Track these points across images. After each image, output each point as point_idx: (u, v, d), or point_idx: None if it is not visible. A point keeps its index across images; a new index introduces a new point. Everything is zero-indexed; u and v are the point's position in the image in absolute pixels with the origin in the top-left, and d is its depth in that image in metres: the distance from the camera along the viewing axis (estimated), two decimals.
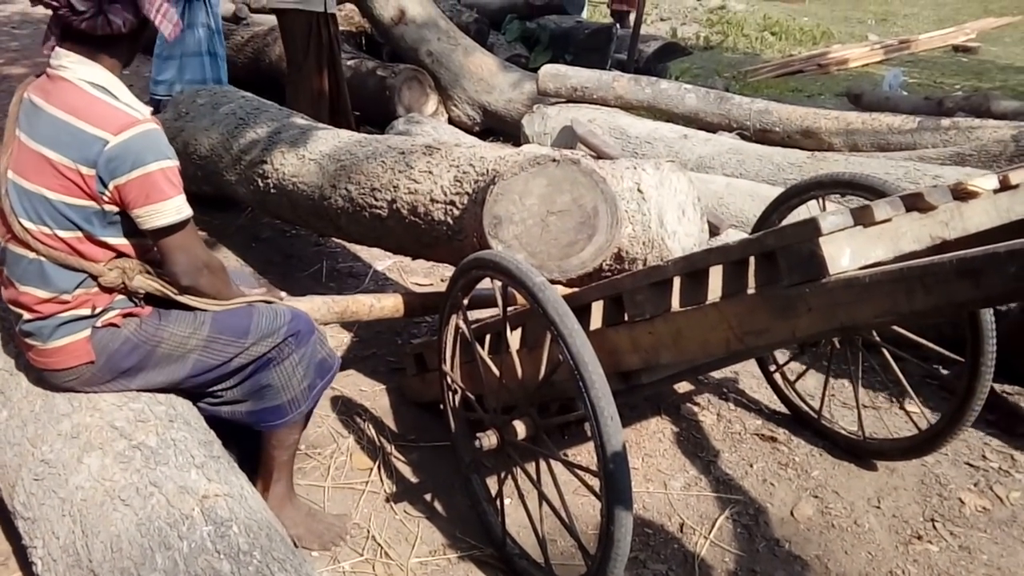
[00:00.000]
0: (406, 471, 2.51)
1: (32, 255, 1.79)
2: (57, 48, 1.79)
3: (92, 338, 1.86)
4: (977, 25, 11.96)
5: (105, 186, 1.73)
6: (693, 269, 1.66)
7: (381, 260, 3.92)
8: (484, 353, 2.12)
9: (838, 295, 1.35)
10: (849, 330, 1.53)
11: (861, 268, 1.39)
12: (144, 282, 1.87)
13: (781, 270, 1.47)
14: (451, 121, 5.89)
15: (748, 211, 3.72)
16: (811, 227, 1.39)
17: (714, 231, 3.34)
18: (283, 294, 2.36)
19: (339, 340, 3.22)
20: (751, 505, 2.40)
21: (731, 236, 3.48)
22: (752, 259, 1.61)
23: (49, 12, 1.75)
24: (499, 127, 5.84)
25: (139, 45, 1.90)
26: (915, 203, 1.45)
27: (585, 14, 8.59)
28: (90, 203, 1.75)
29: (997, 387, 2.81)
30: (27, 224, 1.77)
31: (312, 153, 3.14)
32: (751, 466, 2.57)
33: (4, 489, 1.87)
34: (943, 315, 1.95)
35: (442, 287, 3.70)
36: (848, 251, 1.38)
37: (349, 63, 5.79)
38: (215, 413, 2.07)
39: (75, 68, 1.77)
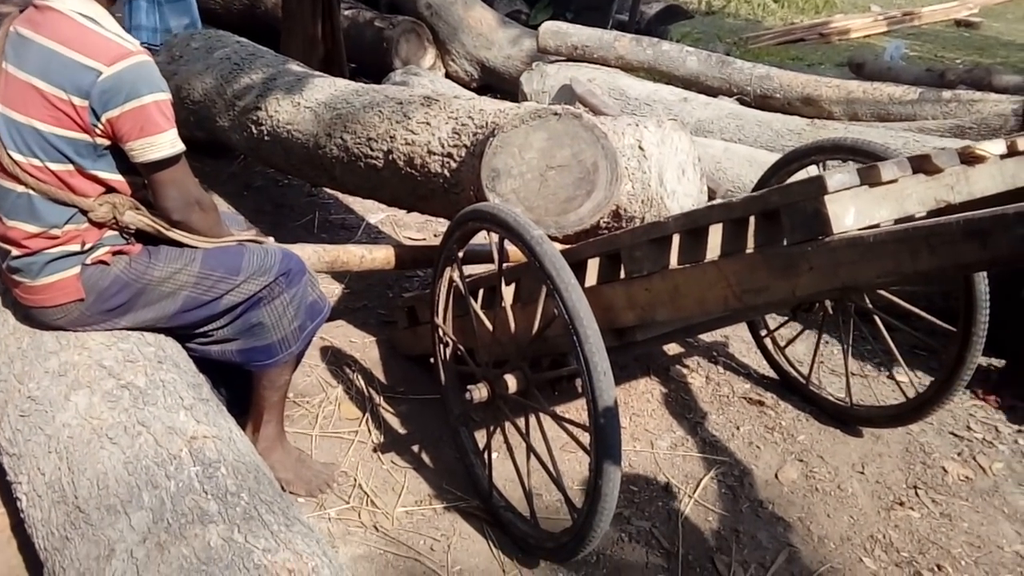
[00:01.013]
0: (394, 422, 2.50)
1: (21, 188, 1.75)
2: None
3: (82, 275, 1.83)
4: (980, 0, 11.86)
5: (98, 118, 1.69)
6: (694, 226, 1.64)
7: (374, 213, 3.89)
8: (477, 307, 2.11)
9: (841, 254, 1.34)
10: (850, 290, 1.53)
11: (864, 228, 1.37)
12: (135, 217, 1.84)
13: (783, 228, 1.45)
14: (448, 76, 5.81)
15: (746, 176, 3.70)
16: (817, 185, 1.37)
17: (711, 195, 3.32)
18: (271, 238, 2.33)
19: (330, 291, 3.19)
20: (736, 467, 2.42)
21: None
22: (752, 218, 1.60)
23: None
24: (497, 84, 5.78)
25: None
26: (922, 165, 1.44)
27: None
28: (82, 135, 1.71)
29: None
30: (17, 157, 1.73)
31: (308, 101, 3.08)
32: (738, 429, 2.58)
33: None
34: (946, 276, 1.96)
35: (435, 242, 3.68)
36: (853, 210, 1.37)
37: (346, 13, 5.68)
38: (205, 353, 2.06)
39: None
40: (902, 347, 3.03)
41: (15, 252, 1.81)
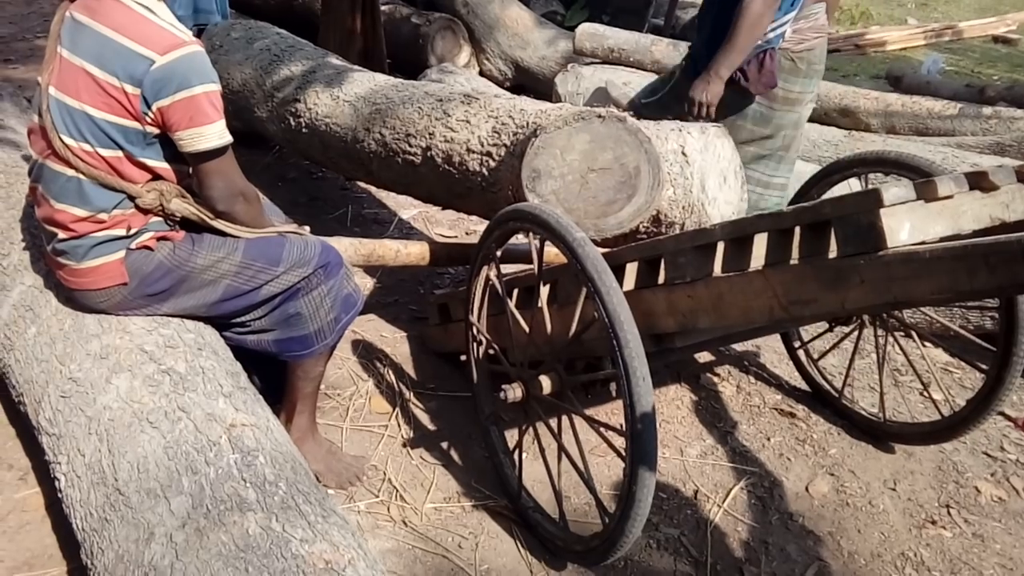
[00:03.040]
0: (424, 418, 2.51)
1: (71, 172, 1.77)
2: None
3: (126, 260, 1.85)
4: (1019, 16, 11.69)
5: (149, 107, 1.71)
6: (741, 234, 1.63)
7: (406, 209, 3.90)
8: (513, 307, 2.11)
9: (895, 269, 1.32)
10: (902, 305, 1.51)
11: (918, 243, 1.36)
12: (181, 205, 1.86)
13: (835, 240, 1.44)
14: (482, 74, 5.82)
15: None
16: (873, 198, 1.35)
17: None
18: (307, 228, 2.35)
19: (362, 285, 3.17)
20: (766, 478, 2.40)
21: None
22: (798, 229, 1.59)
23: None
24: (531, 84, 5.77)
25: None
26: (978, 182, 1.42)
27: None
28: (133, 123, 1.73)
29: None
30: (68, 141, 1.75)
31: (347, 95, 3.09)
32: (768, 440, 2.56)
33: (30, 405, 1.88)
34: (1003, 295, 1.93)
35: (467, 239, 3.69)
36: (908, 225, 1.35)
37: (384, 8, 5.70)
38: (241, 343, 2.07)
39: None
40: (937, 364, 3.02)
41: (62, 235, 1.83)
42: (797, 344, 2.79)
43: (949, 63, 8.65)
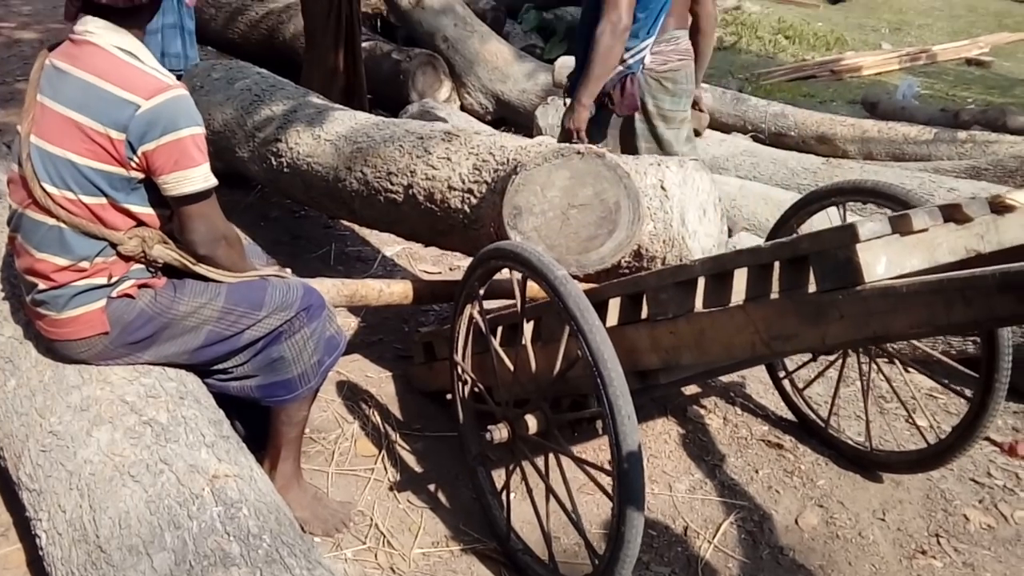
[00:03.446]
0: (410, 460, 2.49)
1: (52, 221, 1.76)
2: (82, 15, 1.77)
3: (107, 308, 1.84)
4: (991, 39, 11.92)
5: (134, 151, 1.71)
6: (721, 270, 1.64)
7: (390, 246, 3.90)
8: (497, 346, 2.10)
9: (873, 304, 1.33)
10: (881, 339, 1.51)
11: (895, 277, 1.37)
12: (163, 251, 1.85)
13: (813, 275, 1.45)
14: (464, 108, 5.85)
15: (761, 214, 3.71)
16: (848, 233, 1.37)
17: (728, 233, 3.32)
18: (289, 271, 2.34)
19: (346, 324, 3.19)
20: (756, 511, 2.39)
21: (743, 238, 3.46)
22: (778, 263, 1.60)
23: None
24: (512, 117, 5.81)
25: (156, 11, 1.89)
26: (952, 214, 1.43)
27: None
28: (118, 168, 1.73)
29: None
30: (50, 189, 1.74)
31: (328, 134, 3.10)
32: (757, 472, 2.55)
33: (9, 459, 1.85)
34: (980, 328, 1.94)
35: (451, 276, 3.69)
36: (884, 259, 1.36)
37: (365, 45, 5.73)
38: (223, 389, 2.05)
39: (102, 34, 1.75)
40: (921, 390, 3.03)
41: (42, 285, 1.82)
42: (782, 374, 2.79)
43: (924, 86, 8.78)
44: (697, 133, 3.54)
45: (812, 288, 1.49)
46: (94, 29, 1.75)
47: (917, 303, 1.26)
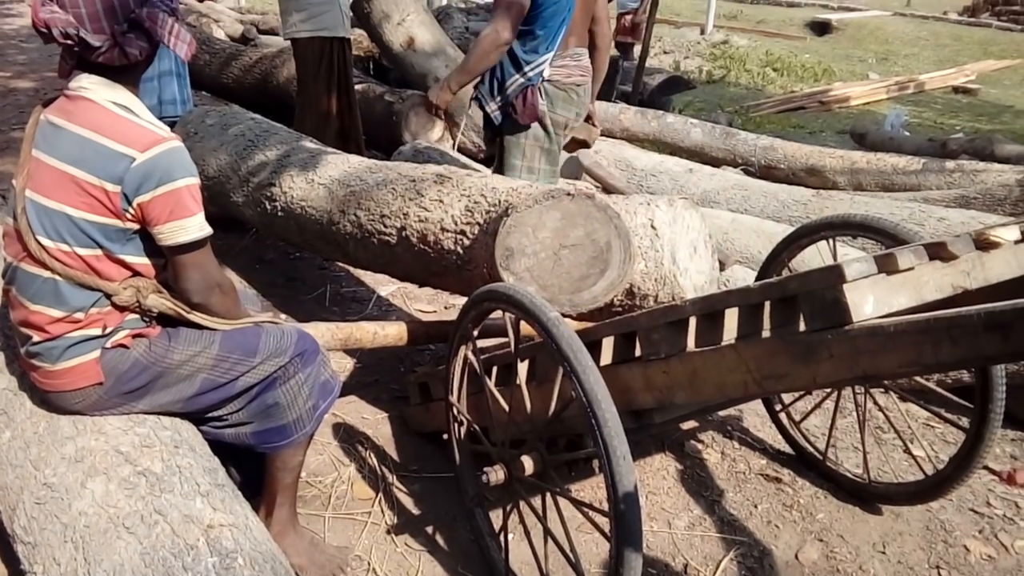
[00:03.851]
0: (408, 502, 2.48)
1: (47, 274, 1.77)
2: (76, 71, 1.80)
3: (101, 359, 1.84)
4: (977, 67, 12.10)
5: (129, 203, 1.73)
6: (711, 310, 1.65)
7: (385, 285, 3.91)
8: (492, 386, 2.11)
9: (861, 343, 1.34)
10: (872, 379, 1.52)
11: (883, 316, 1.38)
12: (158, 301, 1.86)
13: (802, 315, 1.46)
14: (456, 147, 5.89)
15: (753, 247, 3.74)
16: (835, 273, 1.38)
17: (720, 266, 3.34)
18: (283, 316, 2.35)
19: (341, 366, 3.20)
20: (756, 547, 2.38)
21: (737, 272, 3.49)
22: (768, 302, 1.61)
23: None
24: None
25: (150, 65, 1.92)
26: (938, 252, 1.45)
27: None
28: (113, 220, 1.75)
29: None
30: (45, 242, 1.76)
31: (321, 178, 3.13)
32: (755, 507, 2.55)
33: (4, 512, 1.84)
34: (969, 367, 1.95)
35: (446, 314, 3.70)
36: (871, 299, 1.38)
37: (357, 87, 5.80)
38: (218, 437, 2.05)
39: (96, 89, 1.78)
40: (917, 420, 3.03)
41: (36, 337, 1.82)
42: (779, 407, 2.80)
43: (913, 115, 8.89)
44: (587, 144, 3.81)
45: (803, 327, 1.50)
46: (88, 85, 1.77)
47: (905, 342, 1.27)
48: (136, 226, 1.78)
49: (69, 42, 1.72)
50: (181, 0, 7.73)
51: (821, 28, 15.43)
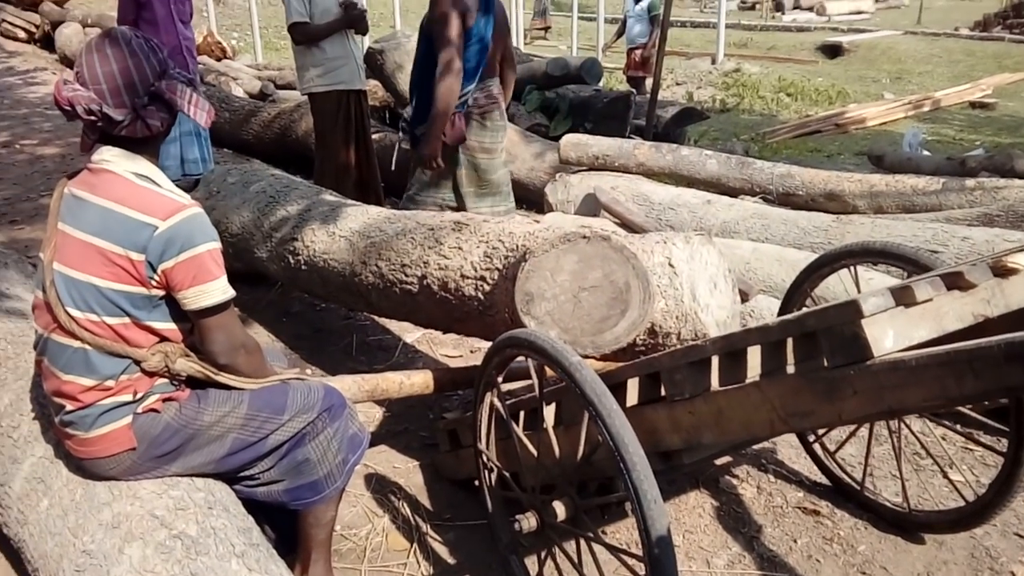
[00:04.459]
0: (443, 551, 2.47)
1: (77, 344, 1.82)
2: (98, 145, 1.86)
3: (133, 424, 1.87)
4: (993, 81, 12.05)
5: (154, 270, 1.77)
6: (732, 349, 1.65)
7: (410, 332, 3.94)
8: (520, 432, 2.11)
9: (884, 378, 1.34)
10: (897, 413, 1.51)
11: (905, 349, 1.38)
12: (186, 364, 1.90)
13: (823, 351, 1.46)
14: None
15: (776, 276, 3.72)
16: (852, 309, 1.38)
17: (744, 297, 3.33)
18: (309, 372, 2.38)
19: (371, 416, 3.21)
20: None
21: (761, 302, 3.47)
22: (790, 339, 1.61)
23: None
24: (522, 195, 5.89)
25: (168, 135, 1.98)
26: (955, 282, 1.45)
27: (602, 82, 8.74)
28: (139, 288, 1.79)
29: None
30: (74, 312, 1.80)
31: (342, 230, 3.18)
32: (795, 541, 2.51)
33: None
34: (995, 398, 1.93)
35: (471, 359, 3.71)
36: (891, 332, 1.37)
37: (374, 136, 5.90)
38: (251, 495, 2.07)
39: (118, 161, 1.84)
40: (955, 444, 2.98)
41: (69, 407, 1.86)
42: (812, 438, 2.76)
43: (931, 133, 8.86)
44: None
45: (825, 363, 1.50)
46: (110, 158, 1.83)
47: (927, 376, 1.26)
48: (161, 292, 1.83)
49: (93, 118, 1.78)
50: (200, 61, 7.93)
51: (832, 51, 15.47)
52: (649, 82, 8.52)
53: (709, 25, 16.73)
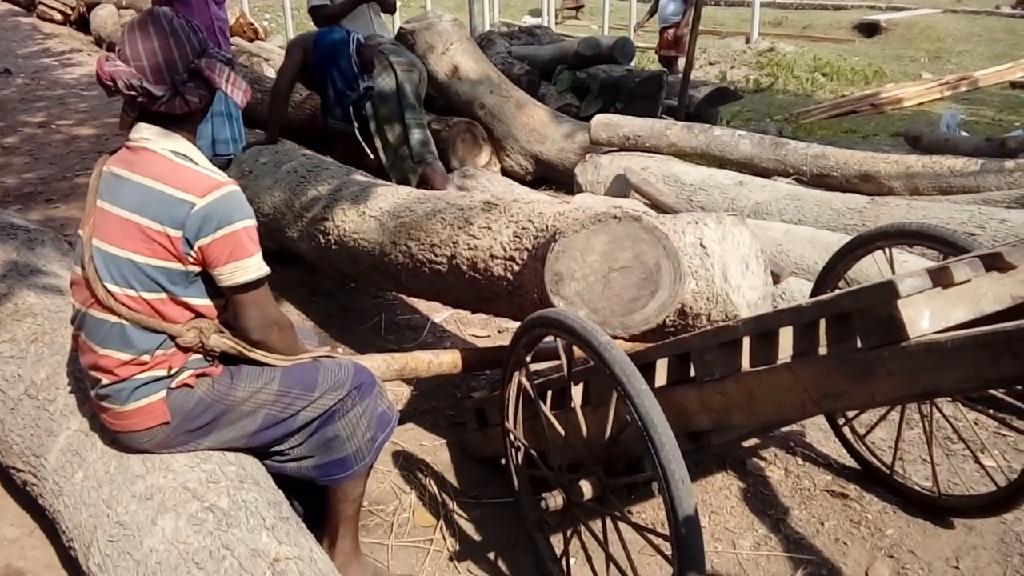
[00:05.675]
0: (469, 528, 2.49)
1: (114, 319, 1.85)
2: (137, 123, 1.88)
3: (167, 399, 1.90)
4: None
5: (191, 246, 1.80)
6: (764, 330, 1.64)
7: (439, 312, 3.95)
8: (548, 411, 2.11)
9: (919, 359, 1.32)
10: (932, 395, 1.49)
11: (941, 331, 1.35)
12: (220, 340, 1.92)
13: (857, 332, 1.44)
14: (504, 171, 5.95)
15: (809, 258, 3.67)
16: (889, 290, 1.36)
17: (775, 279, 3.30)
18: (340, 350, 2.40)
19: (399, 394, 3.23)
20: (824, 566, 2.33)
21: (792, 284, 3.44)
22: (823, 320, 1.59)
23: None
24: (551, 176, 5.89)
25: (206, 114, 1.99)
26: (994, 263, 1.42)
27: (634, 62, 8.65)
28: (176, 264, 1.82)
29: None
30: (112, 288, 1.83)
31: (372, 210, 3.19)
32: (822, 524, 2.49)
33: (80, 550, 1.91)
34: None
35: (499, 339, 3.72)
36: (927, 313, 1.35)
37: None
38: (281, 470, 2.10)
39: (156, 139, 1.86)
40: (987, 429, 2.94)
41: (105, 380, 1.89)
42: (842, 421, 2.74)
43: (970, 114, 8.66)
44: None
45: (859, 344, 1.48)
46: (149, 136, 1.86)
47: (964, 358, 1.24)
48: (198, 269, 1.85)
49: (133, 93, 1.80)
50: (232, 42, 7.97)
51: (870, 30, 15.14)
52: (682, 62, 8.42)
53: (744, 3, 16.46)
